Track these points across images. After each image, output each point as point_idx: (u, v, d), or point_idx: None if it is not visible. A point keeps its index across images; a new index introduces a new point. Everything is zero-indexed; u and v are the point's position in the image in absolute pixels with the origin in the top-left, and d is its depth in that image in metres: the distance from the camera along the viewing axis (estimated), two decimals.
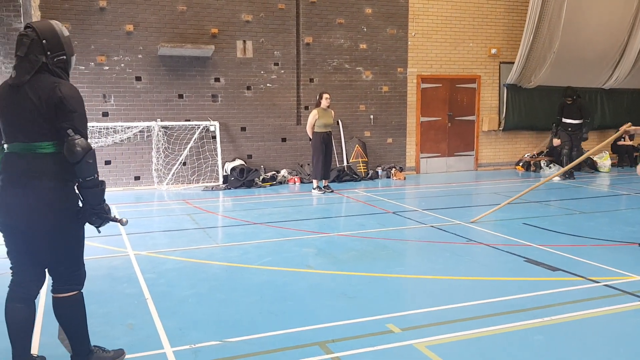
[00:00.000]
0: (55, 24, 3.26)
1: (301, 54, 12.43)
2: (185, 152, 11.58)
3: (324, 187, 10.84)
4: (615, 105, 15.71)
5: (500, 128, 14.54)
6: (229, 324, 4.14)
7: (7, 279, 3.34)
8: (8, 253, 3.31)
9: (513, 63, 14.00)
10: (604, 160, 14.15)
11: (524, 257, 5.93)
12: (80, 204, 3.27)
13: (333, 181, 11.98)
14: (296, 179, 12.11)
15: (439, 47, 13.68)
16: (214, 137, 11.79)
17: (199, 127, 11.66)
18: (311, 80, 12.58)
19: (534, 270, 5.48)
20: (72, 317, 3.31)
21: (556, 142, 13.62)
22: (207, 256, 6.11)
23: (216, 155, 11.80)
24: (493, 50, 14.13)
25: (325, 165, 10.72)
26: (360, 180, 12.45)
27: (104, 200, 3.28)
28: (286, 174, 12.23)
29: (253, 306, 4.54)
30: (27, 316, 3.29)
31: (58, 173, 3.16)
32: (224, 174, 11.75)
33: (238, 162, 11.87)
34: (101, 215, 3.25)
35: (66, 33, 3.28)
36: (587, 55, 14.23)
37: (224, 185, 11.46)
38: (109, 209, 3.31)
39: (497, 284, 5.16)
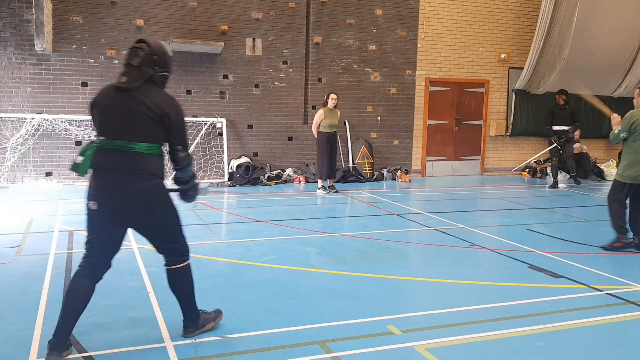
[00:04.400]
0: (163, 43, 3.75)
1: (310, 53, 12.44)
2: (192, 148, 11.60)
3: (328, 187, 10.85)
4: (625, 114, 15.51)
5: (508, 133, 14.51)
6: (230, 320, 4.14)
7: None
8: (90, 239, 3.61)
9: (522, 68, 13.99)
10: (611, 169, 14.10)
11: (528, 263, 5.91)
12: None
13: (338, 181, 11.99)
14: (301, 178, 12.12)
15: (448, 51, 13.67)
16: (221, 134, 11.82)
17: (206, 124, 11.69)
18: (319, 79, 12.59)
19: (537, 277, 5.46)
20: (184, 284, 3.81)
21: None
22: (210, 252, 6.12)
23: (222, 152, 11.83)
24: (502, 55, 14.11)
25: (330, 165, 10.72)
26: (365, 181, 12.45)
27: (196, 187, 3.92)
28: (291, 173, 12.25)
29: (255, 303, 4.55)
30: (88, 294, 3.57)
31: (158, 171, 3.62)
32: (230, 170, 11.78)
33: (244, 159, 11.89)
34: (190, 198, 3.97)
35: (170, 53, 3.75)
36: (597, 63, 14.18)
37: (229, 182, 11.48)
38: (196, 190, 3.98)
39: (500, 289, 5.15)
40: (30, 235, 6.76)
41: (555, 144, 11.99)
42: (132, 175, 3.48)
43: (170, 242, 3.74)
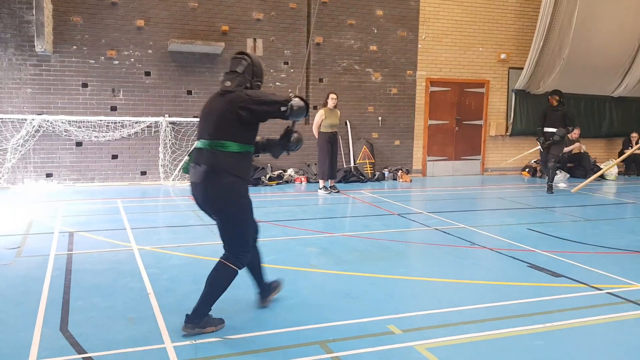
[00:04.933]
0: (259, 58, 4.34)
1: (311, 53, 12.44)
2: (193, 148, 11.59)
3: (330, 187, 10.85)
4: (624, 113, 15.66)
5: (508, 133, 14.52)
6: (230, 321, 4.14)
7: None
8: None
9: (522, 69, 13.99)
10: (611, 169, 14.09)
11: (528, 263, 5.91)
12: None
13: (339, 182, 11.99)
14: (303, 179, 12.13)
15: (449, 51, 13.67)
16: None
17: None
18: (320, 80, 12.59)
19: (537, 276, 5.47)
20: (217, 281, 4.01)
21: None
22: (211, 253, 6.11)
23: None
24: (502, 56, 14.11)
25: (331, 166, 10.72)
26: (366, 182, 12.44)
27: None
28: (293, 173, 12.25)
29: (255, 304, 4.54)
30: (256, 256, 4.34)
31: (236, 170, 3.91)
32: None
33: None
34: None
35: (263, 67, 4.26)
36: (597, 62, 14.19)
37: None
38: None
39: (500, 288, 5.15)
40: (30, 236, 6.77)
41: (540, 147, 11.54)
42: (210, 172, 3.88)
43: (230, 242, 4.03)
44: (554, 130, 11.06)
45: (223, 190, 3.86)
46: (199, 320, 3.92)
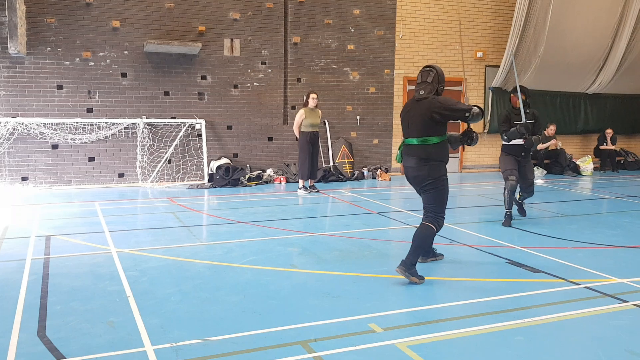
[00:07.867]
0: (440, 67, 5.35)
1: (289, 53, 12.43)
2: (171, 149, 11.53)
3: (309, 187, 10.84)
4: (598, 110, 15.90)
5: (485, 131, 14.64)
6: (211, 323, 4.12)
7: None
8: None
9: (498, 67, 14.11)
10: (587, 164, 14.29)
11: (506, 259, 5.97)
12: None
13: (319, 181, 11.99)
14: (282, 179, 12.10)
15: (426, 50, 13.76)
16: (200, 135, 11.75)
17: (185, 125, 11.62)
18: (298, 79, 12.58)
19: (516, 272, 5.52)
20: (419, 238, 5.19)
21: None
22: (190, 254, 6.08)
23: (202, 153, 11.76)
24: (479, 54, 14.22)
25: (312, 166, 10.71)
26: (345, 181, 12.46)
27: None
28: (272, 173, 12.22)
29: (236, 305, 4.52)
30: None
31: (436, 156, 5.20)
32: (210, 172, 11.71)
33: (224, 160, 11.83)
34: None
35: (444, 74, 5.35)
36: (572, 60, 14.38)
37: (209, 184, 11.42)
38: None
39: (479, 284, 5.19)
40: (6, 241, 6.66)
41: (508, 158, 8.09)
42: (418, 160, 5.20)
43: (432, 208, 5.27)
44: (520, 141, 7.90)
45: (430, 170, 5.15)
46: (409, 268, 5.05)
